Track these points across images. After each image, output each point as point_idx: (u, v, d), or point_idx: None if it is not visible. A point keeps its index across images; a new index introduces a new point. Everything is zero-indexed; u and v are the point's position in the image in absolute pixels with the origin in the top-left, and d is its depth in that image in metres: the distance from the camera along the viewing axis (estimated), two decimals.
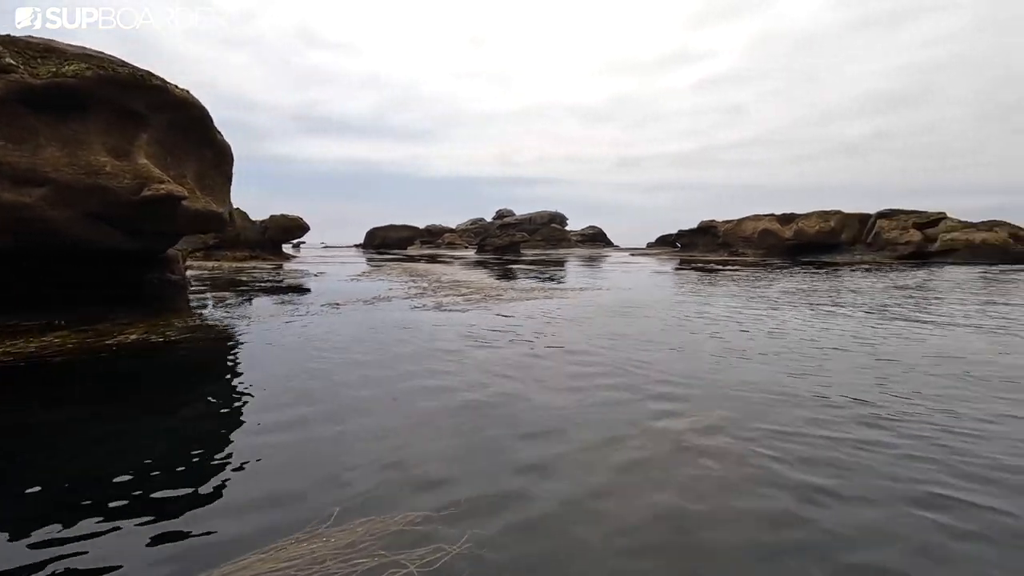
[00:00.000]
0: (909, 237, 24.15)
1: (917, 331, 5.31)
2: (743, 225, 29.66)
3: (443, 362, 3.93)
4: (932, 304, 7.49)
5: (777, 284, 11.01)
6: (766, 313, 6.52)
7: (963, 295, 8.85)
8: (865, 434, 2.52)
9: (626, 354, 4.17)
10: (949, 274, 15.00)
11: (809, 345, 4.57)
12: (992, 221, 23.63)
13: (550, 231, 58.00)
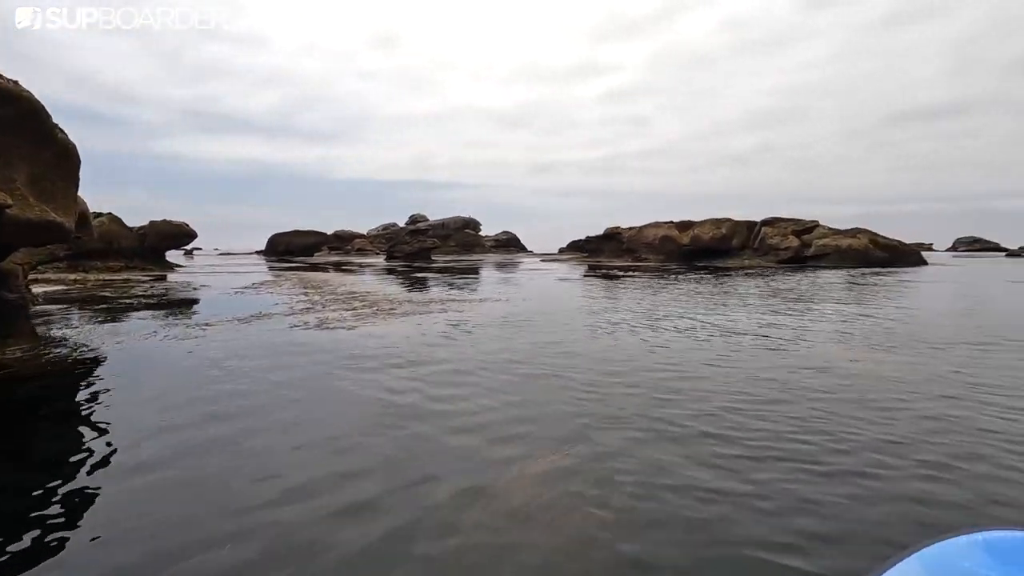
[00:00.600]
0: (789, 243, 26.45)
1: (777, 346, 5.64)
2: (645, 232, 31.10)
3: (275, 397, 3.56)
4: (804, 314, 8.06)
5: (669, 291, 11.47)
6: (650, 330, 6.68)
7: (832, 297, 9.69)
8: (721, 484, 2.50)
9: (489, 380, 4.00)
10: (822, 278, 16.49)
11: (672, 365, 4.67)
12: (856, 229, 26.48)
13: (463, 237, 57.77)
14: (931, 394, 3.37)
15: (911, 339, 5.33)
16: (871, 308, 8.09)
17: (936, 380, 3.74)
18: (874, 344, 5.13)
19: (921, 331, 5.78)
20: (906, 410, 3.09)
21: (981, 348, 4.93)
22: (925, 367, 4.12)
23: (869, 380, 3.73)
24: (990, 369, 4.08)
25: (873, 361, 4.42)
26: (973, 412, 3.02)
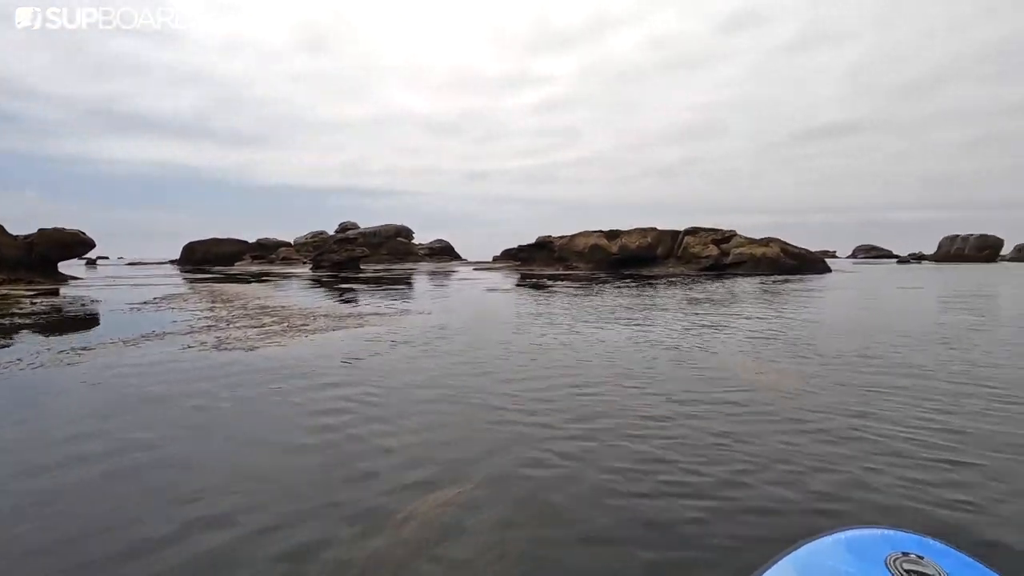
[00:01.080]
0: (709, 252, 27.78)
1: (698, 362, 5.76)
2: (576, 241, 31.70)
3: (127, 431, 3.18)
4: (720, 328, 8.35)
5: (593, 302, 11.61)
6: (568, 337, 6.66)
7: (749, 303, 10.13)
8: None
9: (387, 408, 3.78)
10: (739, 285, 17.35)
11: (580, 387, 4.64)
12: (768, 238, 28.22)
13: (396, 245, 56.69)
14: (824, 410, 3.47)
15: (814, 350, 5.56)
16: (780, 317, 8.49)
17: (832, 394, 3.87)
18: (780, 355, 5.30)
19: (824, 341, 6.06)
20: (795, 429, 3.15)
21: (876, 359, 5.21)
22: (824, 380, 4.26)
23: (768, 395, 3.80)
24: (885, 377, 4.30)
25: (776, 371, 4.55)
26: (865, 432, 3.11)
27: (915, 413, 3.30)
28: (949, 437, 2.89)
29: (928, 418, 3.21)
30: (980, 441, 2.83)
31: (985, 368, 4.59)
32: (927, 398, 3.63)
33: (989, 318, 8.23)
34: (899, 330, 6.80)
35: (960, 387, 3.93)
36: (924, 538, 0.84)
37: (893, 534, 0.85)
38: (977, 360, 4.92)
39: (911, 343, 5.83)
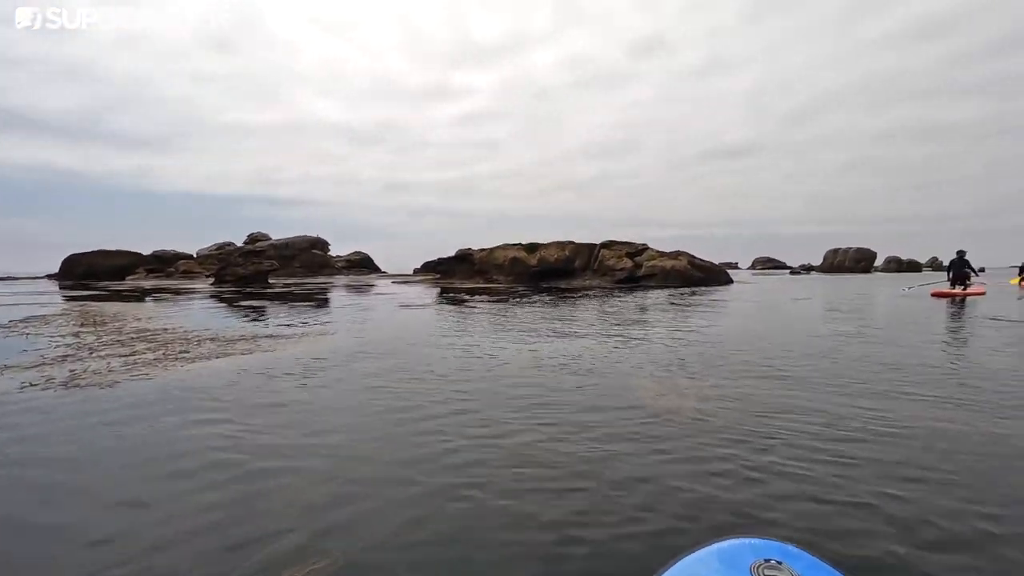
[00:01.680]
0: (623, 265, 28.72)
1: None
2: (495, 253, 31.71)
3: None
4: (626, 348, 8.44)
5: (508, 317, 11.49)
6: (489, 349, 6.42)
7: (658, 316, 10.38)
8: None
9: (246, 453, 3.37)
10: (650, 297, 17.95)
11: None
12: (677, 251, 29.65)
13: (310, 257, 54.24)
14: (720, 440, 3.44)
15: (715, 367, 5.66)
16: (686, 331, 8.72)
17: (728, 419, 3.88)
18: (683, 373, 5.34)
19: (726, 357, 6.20)
20: (689, 472, 3.08)
21: (773, 377, 5.37)
22: (723, 403, 4.28)
23: (666, 426, 3.73)
24: (783, 398, 4.40)
25: (677, 394, 4.54)
26: (763, 471, 3.09)
27: (809, 444, 3.34)
28: (846, 469, 2.92)
29: (829, 450, 3.26)
30: (873, 470, 2.88)
31: (862, 384, 4.84)
32: (827, 424, 3.70)
33: (868, 328, 8.91)
34: (793, 344, 7.15)
35: (853, 405, 4.09)
36: (784, 545, 0.92)
37: (758, 543, 0.91)
38: (856, 375, 5.20)
39: (799, 357, 6.11)
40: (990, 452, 3.02)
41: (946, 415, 3.74)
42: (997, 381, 4.75)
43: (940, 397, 4.23)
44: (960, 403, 4.05)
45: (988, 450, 3.05)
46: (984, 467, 2.82)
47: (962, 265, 17.30)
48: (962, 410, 3.87)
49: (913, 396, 4.27)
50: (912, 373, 5.14)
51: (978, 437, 3.27)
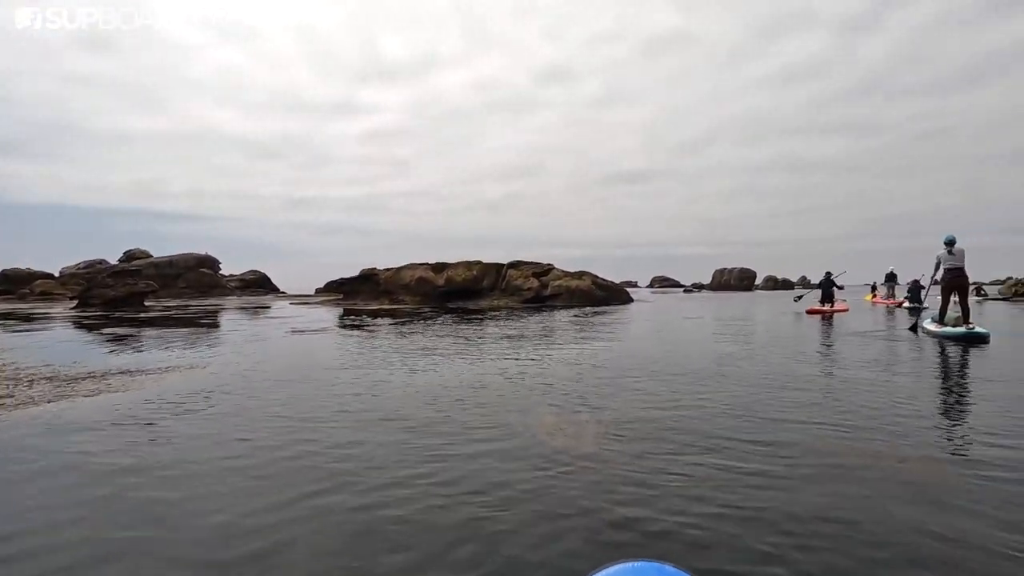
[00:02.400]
0: (530, 284, 29.09)
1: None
2: (402, 273, 30.89)
3: None
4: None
5: (411, 339, 11.01)
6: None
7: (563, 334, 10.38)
8: None
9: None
10: (556, 317, 18.17)
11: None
12: (581, 271, 30.61)
13: (198, 277, 49.97)
14: (617, 482, 3.28)
15: (615, 394, 5.60)
16: (587, 353, 8.75)
17: (629, 455, 3.76)
18: (581, 404, 5.21)
19: (625, 383, 6.18)
20: (584, 526, 2.88)
21: (670, 403, 5.39)
22: (622, 436, 4.17)
23: (562, 468, 3.53)
24: (678, 431, 4.37)
25: (575, 426, 4.39)
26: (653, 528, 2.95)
27: (710, 478, 3.27)
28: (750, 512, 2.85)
29: (743, 493, 3.20)
30: (776, 512, 2.83)
31: (750, 410, 4.98)
32: (734, 459, 3.68)
33: (754, 347, 9.45)
34: (687, 366, 7.36)
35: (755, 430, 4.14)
36: (663, 565, 0.94)
37: (640, 565, 0.93)
38: (744, 400, 5.38)
39: (692, 379, 6.26)
40: (865, 477, 3.11)
41: (829, 438, 3.88)
42: (880, 404, 5.09)
43: (828, 423, 4.42)
44: (837, 425, 4.24)
45: (862, 475, 3.15)
46: (867, 496, 2.88)
47: (829, 285, 19.41)
48: (839, 435, 4.04)
49: (805, 423, 4.43)
50: (796, 397, 5.40)
51: (856, 457, 3.38)
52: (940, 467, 3.29)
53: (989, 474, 3.13)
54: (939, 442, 3.81)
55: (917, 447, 3.67)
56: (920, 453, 3.54)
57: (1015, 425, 4.15)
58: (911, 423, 4.28)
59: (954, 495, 2.85)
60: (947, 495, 2.85)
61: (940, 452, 3.58)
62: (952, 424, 4.36)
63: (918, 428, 4.15)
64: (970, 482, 3.04)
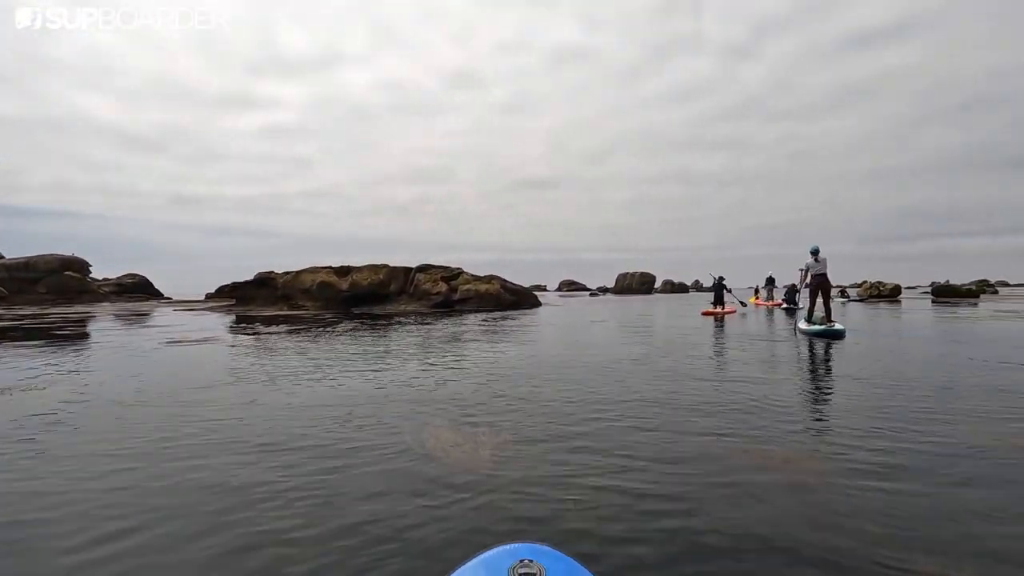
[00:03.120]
0: (439, 289, 28.56)
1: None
2: (302, 277, 29.12)
3: None
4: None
5: (307, 350, 10.24)
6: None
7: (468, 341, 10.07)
8: None
9: None
10: (465, 322, 17.86)
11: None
12: (490, 275, 30.53)
13: (62, 281, 44.28)
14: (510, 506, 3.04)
15: (519, 403, 5.41)
16: (493, 360, 8.55)
17: (521, 471, 3.54)
18: (487, 409, 4.96)
19: (529, 391, 6.02)
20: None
21: (570, 413, 5.27)
22: (521, 450, 3.96)
23: (453, 491, 3.24)
24: (580, 438, 4.22)
25: (473, 442, 4.12)
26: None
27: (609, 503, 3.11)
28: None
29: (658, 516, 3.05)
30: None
31: (650, 419, 4.99)
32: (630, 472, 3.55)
33: (655, 349, 9.73)
34: (591, 372, 7.36)
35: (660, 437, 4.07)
36: (539, 546, 1.05)
37: (517, 547, 1.03)
38: (646, 408, 5.39)
39: (596, 385, 6.24)
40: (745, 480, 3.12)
41: (724, 446, 3.91)
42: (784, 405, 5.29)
43: (725, 433, 4.49)
44: (731, 433, 4.32)
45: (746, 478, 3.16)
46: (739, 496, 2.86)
47: (720, 288, 20.99)
48: (728, 437, 4.10)
49: (702, 434, 4.47)
50: (691, 401, 5.51)
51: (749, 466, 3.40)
52: (821, 468, 3.40)
53: (855, 468, 3.27)
54: (810, 439, 3.98)
55: (789, 445, 3.80)
56: (793, 450, 3.66)
57: (864, 417, 4.46)
58: (787, 423, 4.47)
59: (834, 497, 2.92)
60: (828, 497, 2.92)
61: (815, 449, 3.72)
62: (817, 420, 4.61)
63: (791, 429, 4.33)
64: (845, 484, 3.14)
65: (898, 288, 35.50)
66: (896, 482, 3.10)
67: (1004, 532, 2.48)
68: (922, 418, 4.52)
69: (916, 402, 5.10)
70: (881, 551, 2.31)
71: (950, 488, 3.00)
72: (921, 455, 3.57)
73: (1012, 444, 3.79)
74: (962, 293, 33.78)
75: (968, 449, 3.69)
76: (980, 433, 4.07)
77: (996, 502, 2.80)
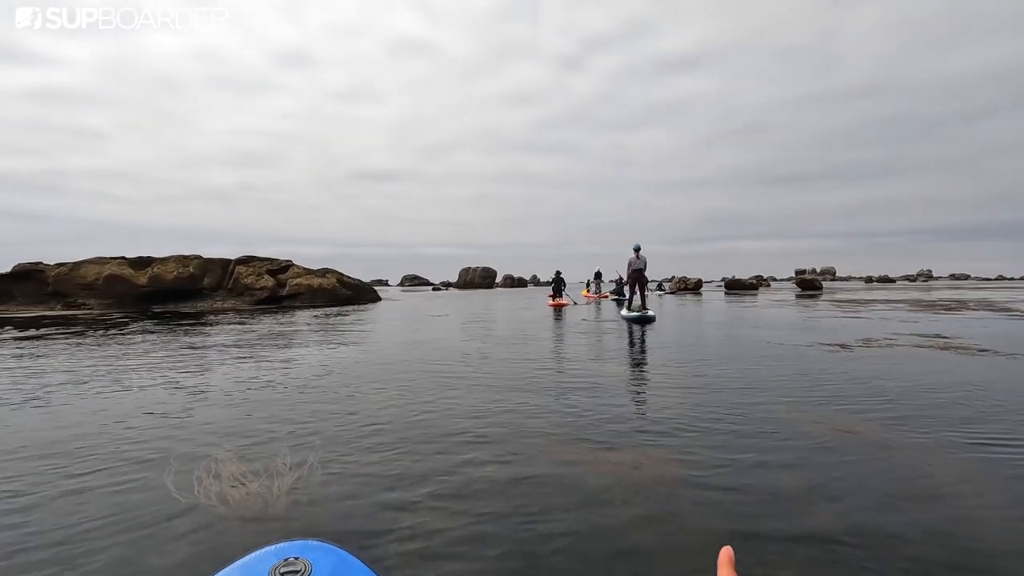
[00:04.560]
0: (264, 283, 25.73)
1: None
2: (83, 270, 23.98)
3: None
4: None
5: (73, 360, 8.21)
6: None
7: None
8: None
9: None
10: (296, 319, 16.16)
11: None
12: (325, 269, 28.41)
13: None
14: None
15: (337, 415, 4.73)
16: (316, 363, 7.66)
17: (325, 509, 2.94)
18: (288, 438, 4.20)
19: (349, 408, 5.36)
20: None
21: (387, 425, 4.76)
22: (328, 482, 3.34)
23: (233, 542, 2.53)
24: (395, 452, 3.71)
25: (266, 477, 3.40)
26: None
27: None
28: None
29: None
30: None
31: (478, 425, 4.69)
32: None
33: (494, 344, 9.59)
34: (423, 373, 6.90)
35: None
36: (308, 541, 0.89)
37: (282, 546, 0.86)
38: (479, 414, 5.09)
39: (428, 385, 5.80)
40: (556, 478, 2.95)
41: (558, 444, 3.73)
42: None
43: (560, 433, 4.33)
44: (567, 434, 4.19)
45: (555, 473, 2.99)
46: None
47: (559, 283, 22.27)
48: (572, 443, 3.96)
49: (535, 432, 4.26)
50: (527, 398, 5.35)
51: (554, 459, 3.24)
52: (667, 467, 3.39)
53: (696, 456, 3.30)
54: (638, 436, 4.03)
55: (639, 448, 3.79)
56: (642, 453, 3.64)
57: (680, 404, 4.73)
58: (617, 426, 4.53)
59: (679, 494, 2.87)
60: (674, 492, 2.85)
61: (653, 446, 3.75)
62: (642, 418, 4.76)
63: (621, 429, 4.39)
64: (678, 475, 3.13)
65: (700, 282, 41.02)
66: (733, 478, 3.17)
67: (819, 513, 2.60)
68: (743, 403, 4.89)
69: (731, 387, 5.57)
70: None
71: (776, 471, 3.15)
72: (752, 447, 3.78)
73: (829, 427, 4.22)
74: (746, 286, 40.16)
75: (795, 435, 4.00)
76: (801, 420, 4.49)
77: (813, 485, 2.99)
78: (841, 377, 5.61)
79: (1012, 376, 5.58)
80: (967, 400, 4.55)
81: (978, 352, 7.21)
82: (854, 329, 10.51)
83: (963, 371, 5.86)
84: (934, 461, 3.10)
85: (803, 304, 20.36)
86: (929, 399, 4.60)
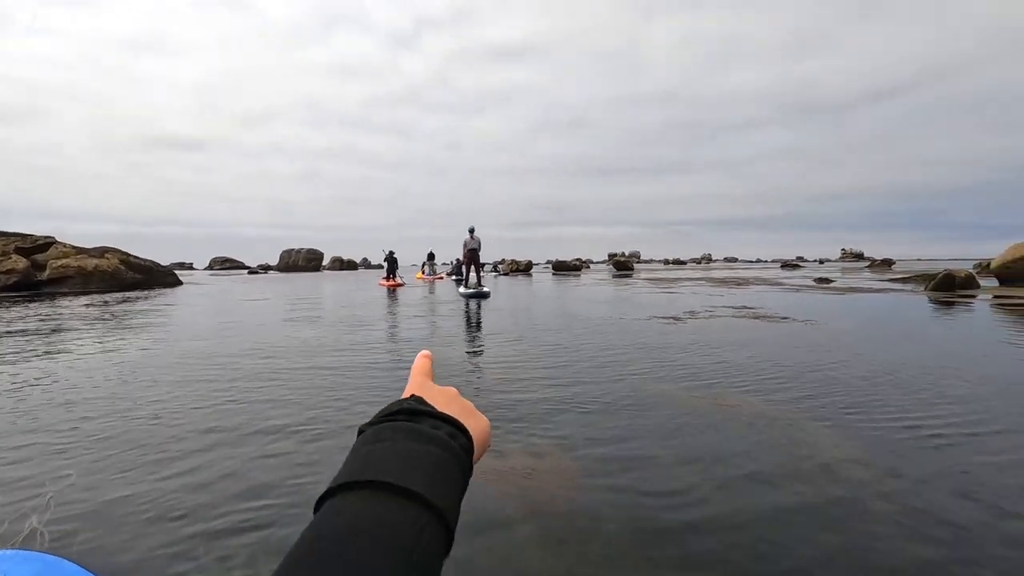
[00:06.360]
0: (13, 264, 20.32)
1: None
2: None
3: None
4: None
5: None
6: None
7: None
8: None
9: None
10: (57, 310, 12.86)
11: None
12: (104, 247, 23.44)
13: None
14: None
15: (127, 430, 3.62)
16: (82, 366, 6.05)
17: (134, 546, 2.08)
18: (66, 449, 3.07)
19: (133, 421, 4.20)
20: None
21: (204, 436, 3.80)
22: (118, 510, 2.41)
23: None
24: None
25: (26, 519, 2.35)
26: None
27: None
28: None
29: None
30: None
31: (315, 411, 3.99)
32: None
33: (323, 328, 8.61)
34: (222, 368, 5.81)
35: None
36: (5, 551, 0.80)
37: None
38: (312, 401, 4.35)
39: (233, 381, 4.84)
40: None
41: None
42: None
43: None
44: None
45: None
46: None
47: (392, 263, 22.29)
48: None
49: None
50: (369, 385, 4.73)
51: None
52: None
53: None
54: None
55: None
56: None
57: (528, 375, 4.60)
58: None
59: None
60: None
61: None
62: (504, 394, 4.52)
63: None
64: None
65: (530, 264, 43.25)
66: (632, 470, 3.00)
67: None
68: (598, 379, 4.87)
69: (586, 362, 5.57)
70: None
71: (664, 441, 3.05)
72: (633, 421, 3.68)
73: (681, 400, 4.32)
74: (571, 267, 43.31)
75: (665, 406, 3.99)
76: (659, 392, 4.56)
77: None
78: (691, 348, 6.01)
79: (811, 338, 6.60)
80: (784, 358, 5.14)
81: (781, 319, 8.51)
82: (677, 304, 11.77)
83: (775, 333, 6.91)
84: (778, 416, 3.30)
85: (623, 283, 22.48)
86: (761, 358, 5.10)
